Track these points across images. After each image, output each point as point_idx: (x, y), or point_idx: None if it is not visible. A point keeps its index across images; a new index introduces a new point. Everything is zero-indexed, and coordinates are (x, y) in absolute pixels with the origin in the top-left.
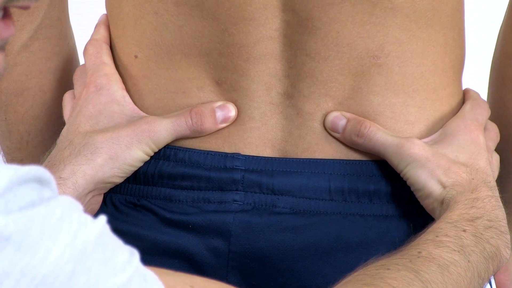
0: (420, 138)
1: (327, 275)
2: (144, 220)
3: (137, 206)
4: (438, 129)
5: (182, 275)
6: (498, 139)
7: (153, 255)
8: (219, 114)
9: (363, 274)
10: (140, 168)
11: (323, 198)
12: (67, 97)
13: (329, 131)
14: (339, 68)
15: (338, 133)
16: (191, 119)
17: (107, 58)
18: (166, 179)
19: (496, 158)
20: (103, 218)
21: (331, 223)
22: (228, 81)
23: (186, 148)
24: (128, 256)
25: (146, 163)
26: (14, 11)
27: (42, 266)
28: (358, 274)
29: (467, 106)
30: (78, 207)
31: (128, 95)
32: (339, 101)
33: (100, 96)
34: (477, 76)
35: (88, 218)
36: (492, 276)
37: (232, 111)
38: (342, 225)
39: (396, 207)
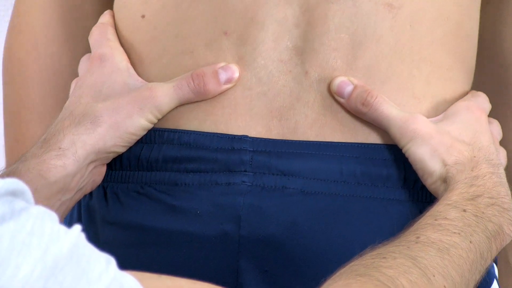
0: (426, 116)
1: (340, 261)
2: (148, 210)
3: (141, 194)
4: (443, 109)
5: (166, 278)
6: (501, 134)
7: (159, 246)
8: (223, 75)
9: (357, 264)
10: (142, 153)
11: (335, 180)
12: (74, 82)
13: (335, 95)
14: (351, 13)
15: (344, 98)
16: (193, 81)
17: (111, 36)
18: (171, 163)
19: (502, 151)
20: (77, 228)
21: (343, 205)
22: (236, 32)
23: (191, 131)
24: (104, 265)
25: (149, 148)
26: None
27: (11, 284)
28: (353, 264)
29: (468, 95)
30: (51, 217)
31: (132, 67)
32: (348, 60)
33: (104, 68)
34: None
35: (62, 228)
36: (495, 265)
37: (235, 72)
38: (355, 208)
39: (409, 192)
